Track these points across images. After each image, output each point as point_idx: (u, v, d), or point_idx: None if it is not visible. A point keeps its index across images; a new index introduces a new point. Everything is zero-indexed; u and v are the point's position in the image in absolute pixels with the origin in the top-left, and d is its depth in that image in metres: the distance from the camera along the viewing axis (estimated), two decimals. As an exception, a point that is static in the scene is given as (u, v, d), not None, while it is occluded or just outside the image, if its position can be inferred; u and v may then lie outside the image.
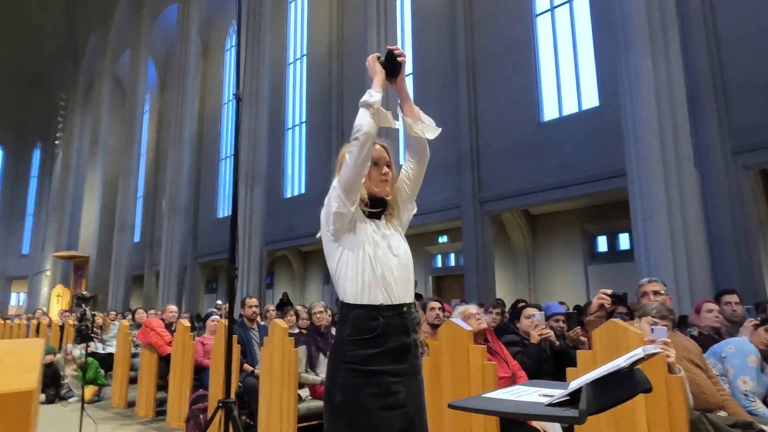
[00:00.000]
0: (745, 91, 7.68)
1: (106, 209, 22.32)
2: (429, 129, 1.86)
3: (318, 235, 1.82)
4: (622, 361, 1.21)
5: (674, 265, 5.88)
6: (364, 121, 1.68)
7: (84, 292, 4.09)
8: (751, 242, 7.32)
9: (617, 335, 2.31)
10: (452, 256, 13.35)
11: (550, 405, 1.21)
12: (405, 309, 1.70)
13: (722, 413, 2.54)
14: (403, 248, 1.78)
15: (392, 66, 1.80)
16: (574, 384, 1.23)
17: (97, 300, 19.02)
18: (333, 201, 1.72)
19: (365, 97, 1.72)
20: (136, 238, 22.04)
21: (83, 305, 4.08)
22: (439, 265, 13.59)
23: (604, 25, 9.43)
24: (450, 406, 1.32)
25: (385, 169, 1.82)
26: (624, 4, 6.61)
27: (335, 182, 1.75)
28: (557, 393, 1.26)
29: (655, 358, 2.28)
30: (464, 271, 11.37)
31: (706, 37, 7.92)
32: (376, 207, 1.80)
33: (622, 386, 1.30)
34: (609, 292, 2.88)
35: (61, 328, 8.86)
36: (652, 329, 2.32)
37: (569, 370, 2.49)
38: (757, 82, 7.58)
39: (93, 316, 3.99)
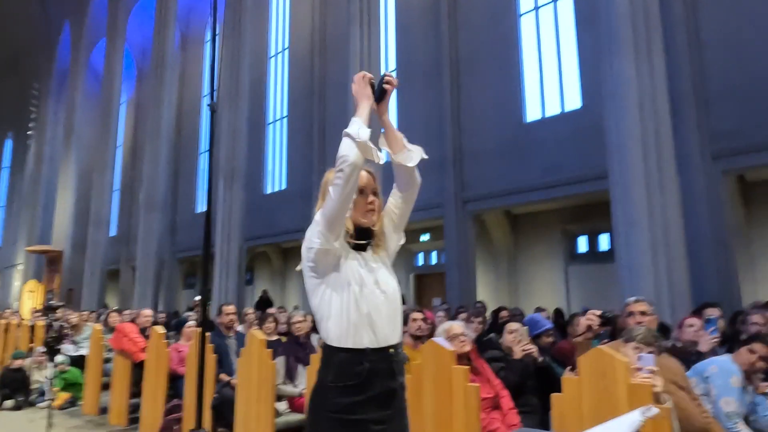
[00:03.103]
0: (725, 97, 7.74)
1: (80, 202, 21.75)
2: (412, 156, 1.75)
3: (298, 269, 1.71)
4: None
5: (655, 273, 5.91)
6: (350, 151, 1.56)
7: (52, 301, 3.91)
8: (728, 248, 7.40)
9: (603, 363, 2.26)
10: (434, 254, 13.32)
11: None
12: (392, 351, 1.61)
13: (707, 439, 2.51)
14: (391, 283, 1.69)
15: (379, 91, 1.69)
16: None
17: (70, 299, 18.53)
18: (315, 237, 1.60)
19: (352, 129, 1.58)
20: (113, 232, 21.56)
21: (50, 315, 3.90)
22: (421, 263, 13.56)
23: (587, 27, 9.42)
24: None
25: (371, 197, 1.72)
26: (609, 9, 6.57)
27: (317, 216, 1.63)
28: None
29: (641, 386, 2.23)
30: (446, 270, 11.35)
31: (688, 44, 7.95)
32: (362, 238, 1.70)
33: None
34: (598, 312, 2.83)
35: (32, 329, 8.57)
36: (640, 356, 2.27)
37: (554, 396, 2.43)
38: (738, 88, 7.65)
39: (61, 327, 3.82)
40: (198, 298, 9.41)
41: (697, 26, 8.04)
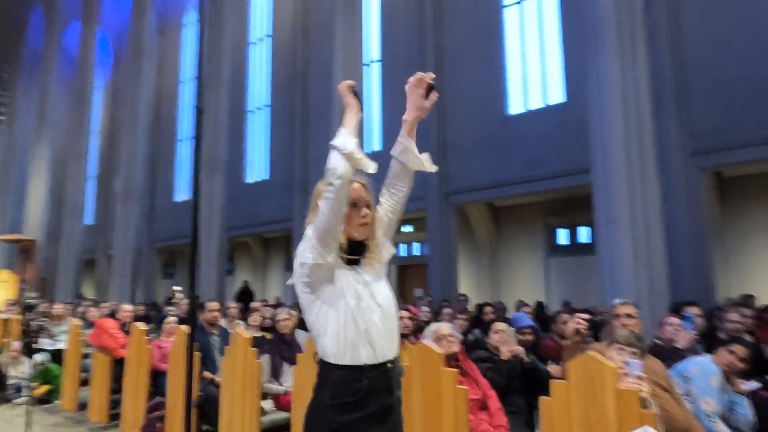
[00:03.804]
0: (705, 95, 7.87)
1: (55, 190, 21.19)
2: (427, 161, 1.79)
3: (289, 282, 1.69)
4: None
5: (634, 267, 6.01)
6: (338, 164, 1.54)
7: (29, 300, 3.80)
8: (706, 243, 7.57)
9: (592, 370, 2.29)
10: (416, 245, 13.36)
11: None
12: (389, 366, 1.61)
13: (689, 439, 2.57)
14: (386, 295, 1.68)
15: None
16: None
17: (44, 289, 18.08)
18: (308, 252, 1.58)
19: (338, 142, 1.56)
20: (89, 221, 21.09)
21: (27, 314, 3.79)
22: (404, 254, 13.59)
23: (572, 21, 9.45)
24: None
25: (365, 210, 1.69)
26: (594, 5, 6.59)
27: (309, 231, 1.60)
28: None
29: (628, 393, 2.27)
30: (428, 261, 11.39)
31: (670, 43, 8.04)
32: (356, 252, 1.67)
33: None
34: (586, 317, 2.87)
35: (5, 322, 8.36)
36: (627, 362, 2.30)
37: (542, 400, 2.46)
38: (717, 87, 7.77)
39: (39, 327, 3.72)
40: (177, 288, 9.25)
41: (680, 26, 8.13)
